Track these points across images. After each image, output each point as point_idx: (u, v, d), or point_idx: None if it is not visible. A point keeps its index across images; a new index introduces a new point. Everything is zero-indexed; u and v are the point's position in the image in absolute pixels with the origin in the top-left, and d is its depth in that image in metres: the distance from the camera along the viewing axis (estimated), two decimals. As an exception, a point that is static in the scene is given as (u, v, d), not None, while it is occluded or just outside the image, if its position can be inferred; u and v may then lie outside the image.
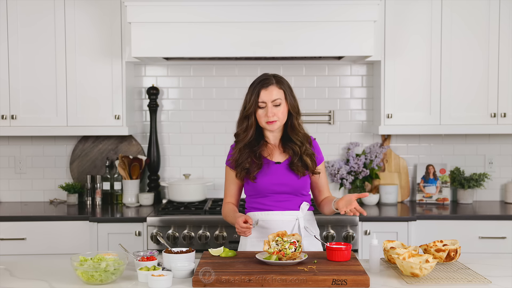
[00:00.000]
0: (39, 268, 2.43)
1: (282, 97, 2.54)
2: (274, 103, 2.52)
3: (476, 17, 3.70)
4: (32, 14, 3.70)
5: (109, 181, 3.99)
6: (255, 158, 2.57)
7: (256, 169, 2.56)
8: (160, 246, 3.41)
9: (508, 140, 4.10)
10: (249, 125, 2.56)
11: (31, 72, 3.73)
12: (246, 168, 2.57)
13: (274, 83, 2.54)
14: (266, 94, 2.52)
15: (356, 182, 3.97)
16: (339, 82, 4.09)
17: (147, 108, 4.04)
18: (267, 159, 2.61)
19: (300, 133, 2.59)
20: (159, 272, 2.16)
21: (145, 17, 3.48)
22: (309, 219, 2.67)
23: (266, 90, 2.52)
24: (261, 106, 2.53)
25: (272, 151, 2.63)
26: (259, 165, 2.57)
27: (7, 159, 4.10)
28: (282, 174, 2.58)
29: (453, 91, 3.74)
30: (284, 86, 2.56)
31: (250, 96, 2.54)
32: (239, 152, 2.59)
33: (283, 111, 2.54)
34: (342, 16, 3.46)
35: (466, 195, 3.95)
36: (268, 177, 2.58)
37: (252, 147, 2.59)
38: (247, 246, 2.61)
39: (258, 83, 2.55)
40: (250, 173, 2.56)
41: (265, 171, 2.58)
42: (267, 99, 2.52)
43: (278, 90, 2.54)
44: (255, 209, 2.63)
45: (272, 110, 2.52)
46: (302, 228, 2.58)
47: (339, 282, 2.10)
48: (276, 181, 2.58)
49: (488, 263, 2.47)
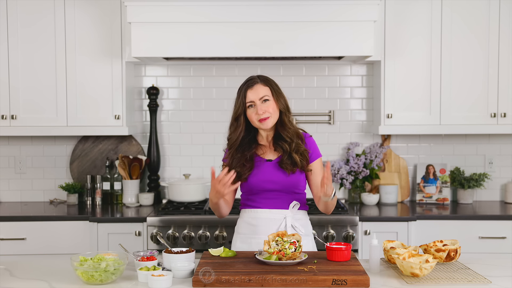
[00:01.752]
0: (39, 268, 2.43)
1: (269, 94, 2.57)
2: (262, 99, 2.55)
3: (476, 17, 3.70)
4: (32, 14, 3.70)
5: (109, 181, 3.99)
6: (245, 161, 2.59)
7: (247, 171, 2.58)
8: (160, 246, 3.41)
9: (508, 140, 4.10)
10: (238, 125, 2.60)
11: (31, 72, 3.73)
12: (237, 171, 2.56)
13: (259, 82, 2.58)
14: (252, 93, 2.55)
15: (356, 182, 3.96)
16: (339, 82, 4.09)
17: (147, 108, 4.04)
18: (259, 157, 2.63)
19: (290, 130, 2.59)
20: (159, 272, 2.16)
21: (145, 17, 3.48)
22: (300, 218, 2.65)
23: (252, 89, 2.56)
24: (250, 105, 2.56)
25: (266, 150, 2.65)
26: (250, 167, 2.58)
27: (7, 159, 4.10)
28: (271, 171, 2.59)
29: (453, 91, 3.74)
30: (269, 83, 2.60)
31: (238, 99, 2.59)
32: (231, 158, 2.61)
33: (273, 106, 2.56)
34: (342, 16, 3.46)
35: (466, 195, 3.95)
36: (258, 175, 2.59)
37: (243, 152, 2.60)
38: (237, 242, 2.65)
39: (244, 85, 2.60)
40: (241, 175, 2.58)
41: (257, 169, 2.60)
42: (254, 98, 2.55)
43: (264, 87, 2.57)
44: (247, 206, 2.66)
45: (262, 107, 2.54)
46: (289, 226, 2.58)
47: (339, 282, 2.10)
48: (265, 178, 2.59)
49: (488, 263, 2.47)
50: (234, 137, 2.61)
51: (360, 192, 3.98)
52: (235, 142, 2.61)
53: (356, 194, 3.98)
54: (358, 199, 3.98)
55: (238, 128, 2.60)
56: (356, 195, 3.99)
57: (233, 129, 2.62)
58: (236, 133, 2.60)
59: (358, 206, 3.88)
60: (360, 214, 3.59)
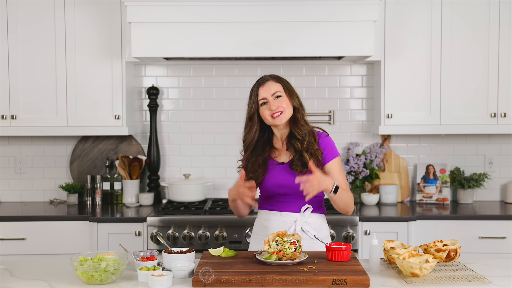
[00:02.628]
0: (39, 268, 2.42)
1: (281, 90, 2.55)
2: (275, 96, 2.53)
3: (476, 17, 3.70)
4: (32, 14, 3.70)
5: (109, 181, 3.99)
6: (258, 167, 2.57)
7: (260, 176, 2.57)
8: (160, 246, 3.41)
9: (508, 140, 4.10)
10: (253, 125, 2.58)
11: (31, 72, 3.73)
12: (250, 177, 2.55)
13: (270, 79, 2.58)
14: (264, 90, 2.54)
15: (356, 182, 3.97)
16: (339, 82, 4.09)
17: (147, 108, 4.04)
18: (273, 160, 2.60)
19: (302, 128, 2.56)
20: (159, 272, 2.15)
21: (145, 17, 3.48)
22: (313, 222, 2.59)
23: (264, 87, 2.55)
24: (263, 102, 2.54)
25: (280, 152, 2.63)
26: (263, 171, 2.57)
27: (7, 159, 4.10)
28: (283, 175, 2.56)
29: (453, 91, 3.74)
30: (281, 80, 2.59)
31: (250, 98, 2.57)
32: (246, 161, 2.61)
33: (286, 102, 2.54)
34: (342, 16, 3.46)
35: (466, 195, 3.95)
36: (270, 180, 2.58)
37: (257, 156, 2.59)
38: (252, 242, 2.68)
39: (255, 84, 2.59)
40: (255, 180, 2.56)
41: (269, 174, 2.58)
42: (267, 95, 2.53)
43: (276, 84, 2.56)
44: (262, 207, 2.66)
45: (274, 103, 2.52)
46: (299, 230, 2.56)
47: (339, 282, 2.10)
48: (275, 183, 2.57)
49: (488, 263, 2.47)
50: (249, 138, 2.59)
51: (360, 192, 3.98)
52: (251, 143, 2.59)
53: (356, 194, 3.98)
54: (358, 199, 3.98)
55: (252, 127, 2.57)
56: (356, 195, 3.98)
57: (247, 129, 2.59)
58: (251, 134, 2.58)
59: (358, 206, 3.87)
60: (360, 214, 3.59)
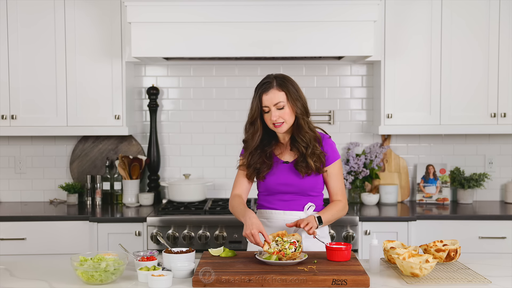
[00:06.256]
0: (39, 268, 2.43)
1: (284, 99, 2.50)
2: (277, 107, 2.50)
3: (476, 17, 3.70)
4: (32, 14, 3.70)
5: (109, 181, 3.99)
6: (265, 158, 2.58)
7: (266, 169, 2.57)
8: (160, 246, 3.41)
9: (508, 140, 4.10)
10: (255, 130, 2.57)
11: (31, 72, 3.73)
12: (257, 168, 2.57)
13: (275, 86, 2.51)
14: (267, 99, 2.50)
15: (356, 182, 3.97)
16: (339, 82, 4.09)
17: (147, 108, 4.04)
18: (277, 157, 2.62)
19: (306, 134, 2.55)
20: (159, 272, 2.16)
21: (145, 17, 3.48)
22: None
23: (267, 95, 2.50)
24: (266, 110, 2.53)
25: (283, 150, 2.63)
26: (269, 165, 2.58)
27: (7, 159, 4.10)
28: (287, 174, 2.58)
29: (453, 91, 3.74)
30: (286, 87, 2.52)
31: (254, 101, 2.55)
32: (250, 155, 2.60)
33: (288, 113, 2.51)
34: (342, 16, 3.46)
35: (466, 195, 3.95)
36: (275, 176, 2.59)
37: (264, 147, 2.59)
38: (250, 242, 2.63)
39: (260, 88, 2.54)
40: (260, 173, 2.58)
41: (274, 170, 2.59)
42: (269, 104, 2.50)
43: (279, 93, 2.50)
44: (264, 207, 2.65)
45: (276, 113, 2.50)
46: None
47: (339, 282, 2.10)
48: (280, 181, 2.58)
49: (488, 263, 2.47)
50: (252, 143, 2.58)
51: (360, 192, 3.98)
52: (251, 145, 2.58)
53: (356, 194, 3.98)
54: (358, 199, 3.98)
55: (255, 133, 2.57)
56: (356, 195, 3.99)
57: (250, 133, 2.58)
58: (254, 139, 2.57)
59: (358, 206, 3.88)
60: (360, 214, 3.59)
